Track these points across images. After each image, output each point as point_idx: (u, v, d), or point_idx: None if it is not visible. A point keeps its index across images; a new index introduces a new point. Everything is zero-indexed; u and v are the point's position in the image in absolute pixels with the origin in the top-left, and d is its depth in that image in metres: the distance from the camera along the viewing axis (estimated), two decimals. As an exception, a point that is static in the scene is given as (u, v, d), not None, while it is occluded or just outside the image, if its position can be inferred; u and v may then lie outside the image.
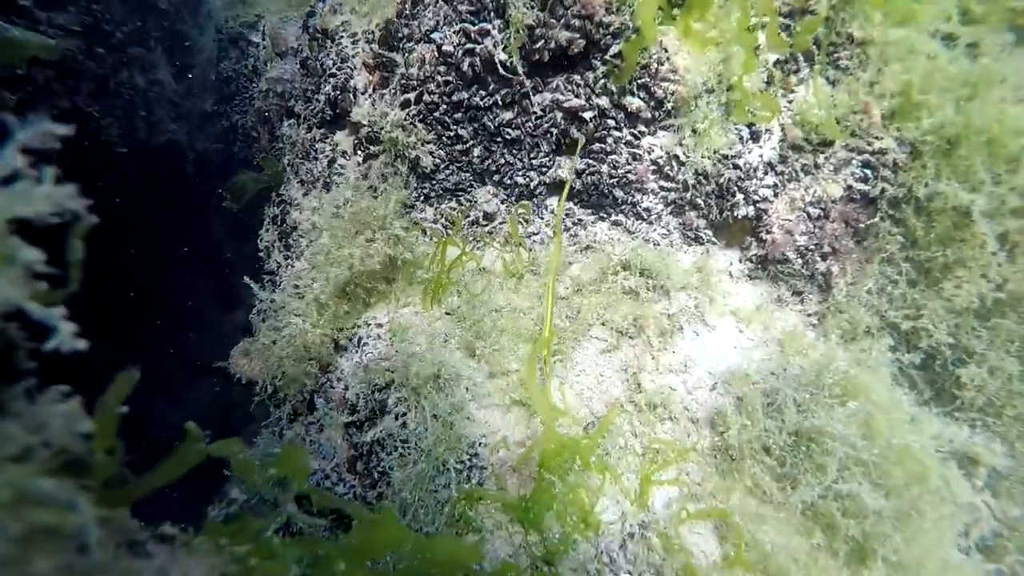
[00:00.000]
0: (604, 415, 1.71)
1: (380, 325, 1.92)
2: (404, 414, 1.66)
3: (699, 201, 2.09)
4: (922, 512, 1.49)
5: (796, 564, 1.50)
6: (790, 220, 2.13)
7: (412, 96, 2.11)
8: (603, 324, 2.00)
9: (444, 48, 2.04)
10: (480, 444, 1.70)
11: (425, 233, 2.14)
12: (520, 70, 1.93)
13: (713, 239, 2.18)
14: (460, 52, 2.03)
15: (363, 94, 2.25)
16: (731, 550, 1.59)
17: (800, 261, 2.17)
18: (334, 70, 2.26)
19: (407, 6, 2.18)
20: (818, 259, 2.18)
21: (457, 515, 1.58)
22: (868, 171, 2.09)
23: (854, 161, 2.10)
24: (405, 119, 2.10)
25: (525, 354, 1.83)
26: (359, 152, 2.22)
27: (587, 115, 2.03)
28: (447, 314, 1.96)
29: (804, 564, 1.51)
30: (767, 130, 2.06)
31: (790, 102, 2.07)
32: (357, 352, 1.89)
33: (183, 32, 4.59)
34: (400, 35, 2.17)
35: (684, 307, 2.03)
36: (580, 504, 1.57)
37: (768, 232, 2.13)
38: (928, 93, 1.90)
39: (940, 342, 2.11)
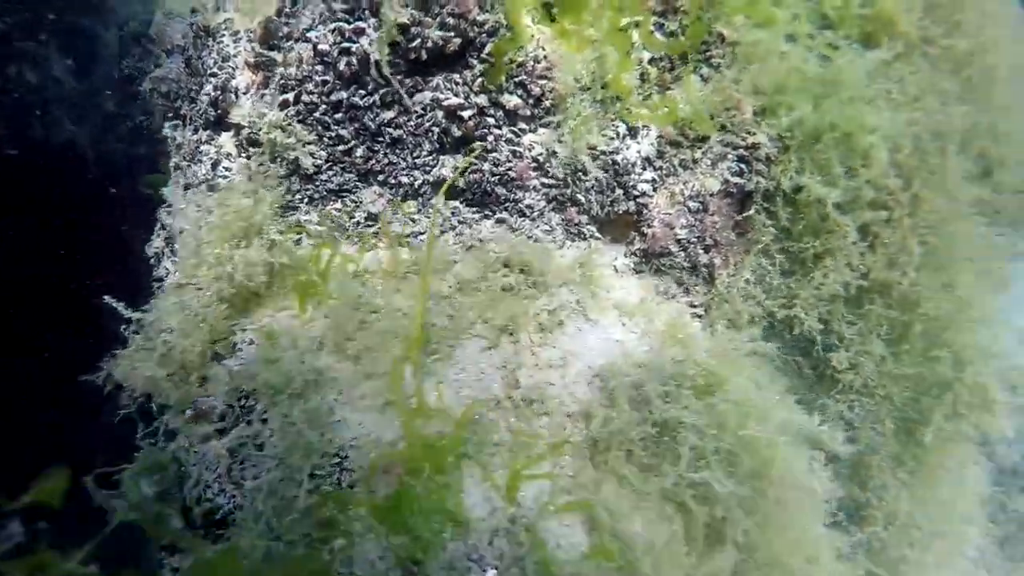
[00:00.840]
0: (463, 412, 1.73)
1: (256, 331, 1.90)
2: (264, 421, 1.65)
3: (579, 197, 2.13)
4: (769, 496, 1.56)
5: (653, 552, 1.56)
6: (670, 214, 2.18)
7: (291, 96, 2.08)
8: (484, 322, 2.01)
9: (320, 47, 2.02)
10: (350, 447, 1.70)
11: (309, 235, 2.12)
12: (388, 73, 1.92)
13: (597, 234, 2.22)
14: (336, 51, 2.01)
15: (245, 94, 2.21)
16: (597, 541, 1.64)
17: (683, 254, 2.23)
18: (215, 69, 2.21)
19: (287, 4, 2.14)
20: (700, 251, 2.24)
21: (325, 520, 1.58)
22: (743, 165, 2.16)
23: (730, 156, 2.16)
24: (284, 120, 2.08)
25: (402, 354, 1.84)
26: (242, 154, 2.18)
27: (466, 113, 2.04)
28: (325, 317, 1.95)
29: (661, 552, 1.56)
30: (644, 126, 2.10)
31: (666, 98, 2.11)
32: (232, 360, 1.86)
33: (84, 27, 4.39)
34: (280, 34, 2.14)
35: (565, 303, 2.06)
36: (446, 502, 1.59)
37: (649, 226, 2.18)
38: (786, 92, 1.97)
39: (812, 328, 2.20)
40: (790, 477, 1.60)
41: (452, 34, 1.95)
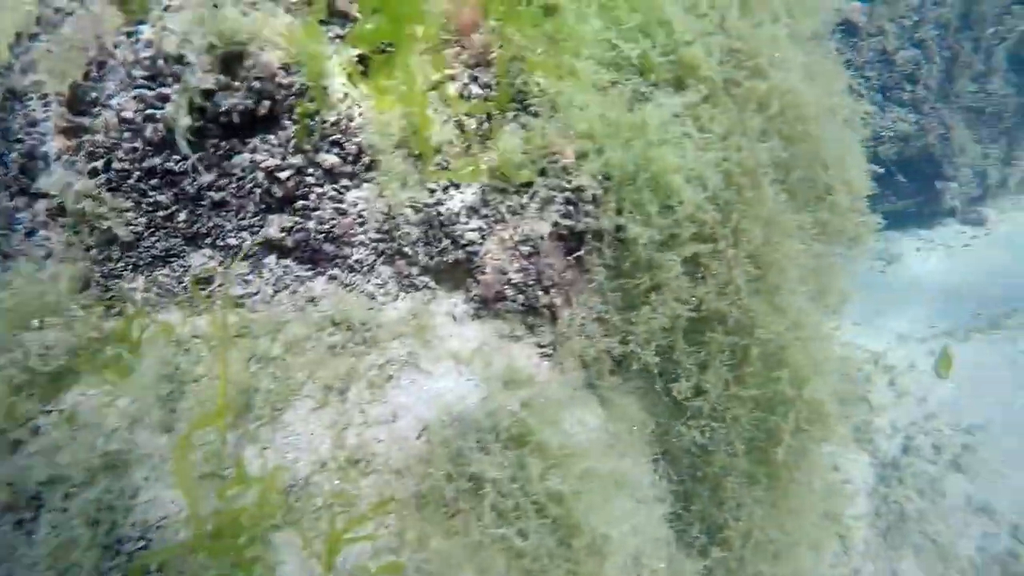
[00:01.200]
0: (267, 480, 1.70)
1: (61, 411, 1.82)
2: (64, 510, 1.58)
3: (407, 250, 2.14)
4: (576, 546, 1.59)
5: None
6: (502, 259, 2.22)
7: (100, 164, 2.03)
8: (314, 382, 1.99)
9: (123, 114, 1.98)
10: (157, 527, 1.64)
11: (126, 305, 2.05)
12: (186, 138, 1.90)
13: (432, 284, 2.24)
14: (140, 118, 1.97)
15: (56, 161, 2.13)
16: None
17: (521, 297, 2.26)
18: (22, 135, 2.13)
19: (93, 69, 2.09)
20: (539, 293, 2.28)
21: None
22: (570, 207, 2.22)
23: (557, 199, 2.22)
24: (94, 188, 2.02)
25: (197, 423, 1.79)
26: (51, 224, 2.10)
27: (284, 174, 2.03)
28: (141, 390, 1.88)
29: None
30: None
31: (486, 148, 2.16)
32: (33, 444, 1.78)
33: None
34: (87, 99, 2.08)
35: (396, 356, 2.06)
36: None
37: (482, 273, 2.21)
38: (596, 138, 2.05)
39: (649, 363, 2.26)
40: (586, 526, 1.63)
41: (258, 97, 1.94)
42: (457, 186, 2.13)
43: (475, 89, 2.12)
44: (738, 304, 2.29)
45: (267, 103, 1.97)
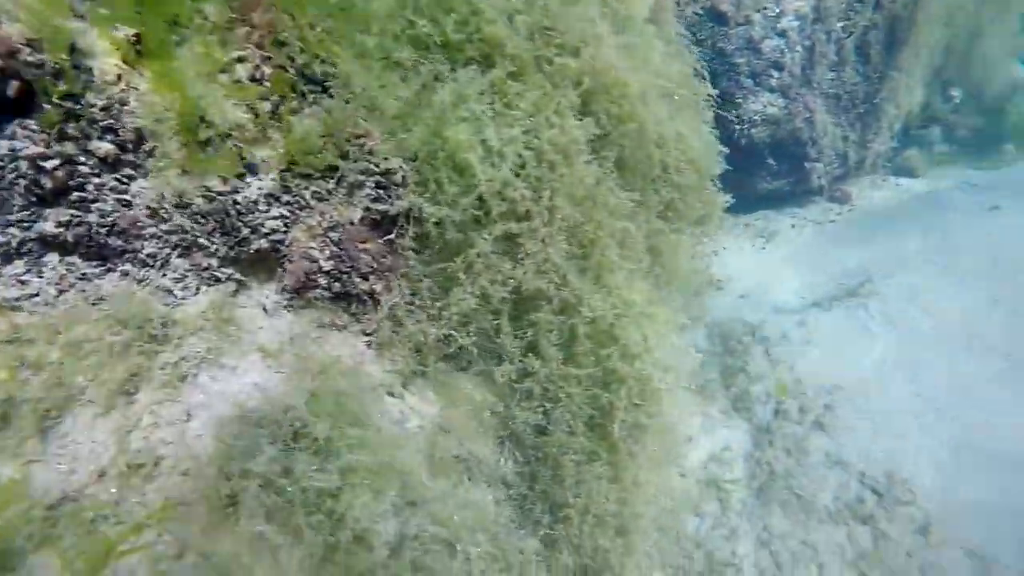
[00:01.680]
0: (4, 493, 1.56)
1: None
2: None
3: (203, 241, 2.03)
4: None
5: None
6: (312, 247, 2.14)
7: None
8: (99, 386, 1.85)
9: None
10: None
11: None
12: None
13: (239, 276, 2.13)
14: None
15: None
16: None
17: (337, 285, 2.20)
18: None
19: None
20: (357, 280, 2.22)
21: None
22: (382, 191, 2.17)
23: (367, 184, 2.16)
24: None
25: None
26: None
27: (49, 164, 1.86)
28: None
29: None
30: (264, 161, 2.05)
31: (284, 133, 2.07)
32: None
33: None
34: None
35: (193, 353, 1.95)
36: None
37: (291, 261, 2.13)
38: (390, 118, 2.00)
39: (466, 345, 2.26)
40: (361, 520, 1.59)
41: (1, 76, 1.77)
42: (255, 172, 2.03)
43: (268, 70, 2.03)
44: (560, 283, 2.32)
45: (15, 83, 1.79)
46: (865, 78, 8.83)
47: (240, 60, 1.99)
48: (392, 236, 2.20)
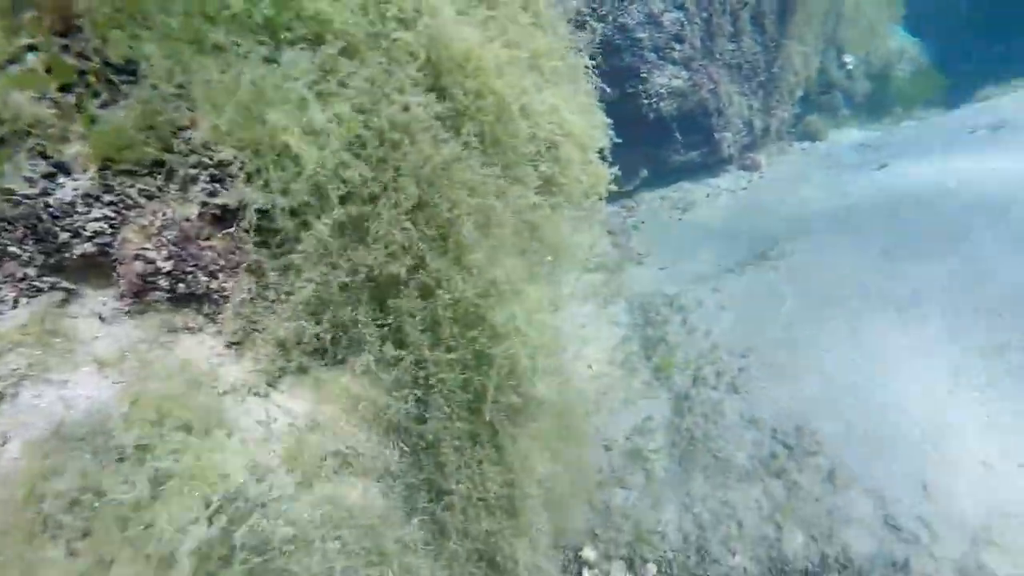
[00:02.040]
0: None
1: None
2: None
3: (13, 250, 1.89)
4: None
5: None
6: (147, 248, 2.02)
7: None
8: (-103, 417, 1.70)
9: None
10: None
11: None
12: None
13: (66, 284, 2.00)
14: None
15: None
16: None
17: (181, 286, 2.09)
18: None
19: None
20: (204, 279, 2.12)
21: None
22: (217, 184, 2.07)
23: (201, 177, 2.06)
24: None
25: None
26: None
27: None
28: None
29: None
30: (76, 159, 1.91)
31: (88, 127, 1.94)
32: None
33: None
34: None
35: (10, 371, 1.82)
36: None
37: (123, 264, 2.01)
38: (219, 105, 1.90)
39: (321, 335, 2.19)
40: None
41: None
42: (68, 172, 1.90)
43: (69, 59, 1.89)
44: (415, 266, 2.27)
45: None
46: (763, 47, 9.11)
47: (32, 48, 1.85)
48: (231, 230, 2.10)
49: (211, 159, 2.05)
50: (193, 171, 2.04)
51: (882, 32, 10.89)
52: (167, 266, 2.05)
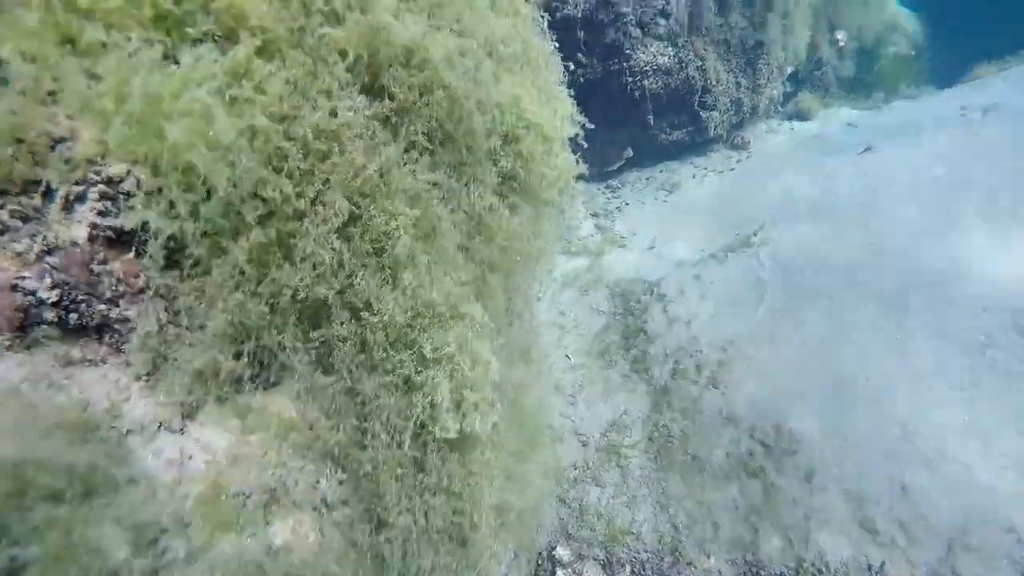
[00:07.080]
0: None
1: None
2: None
3: None
4: None
5: None
6: (25, 276, 1.78)
7: None
8: None
9: None
10: None
11: None
12: None
13: (-66, 319, 1.76)
14: None
15: None
16: None
17: (74, 316, 1.85)
18: None
19: None
20: (102, 307, 1.89)
21: None
22: (108, 203, 1.82)
23: (88, 195, 1.80)
24: None
25: None
26: None
27: None
28: None
29: None
30: (-68, 180, 1.66)
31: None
32: None
33: None
34: None
35: None
36: None
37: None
38: (104, 114, 1.64)
39: (231, 366, 1.97)
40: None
41: None
42: (-80, 195, 1.65)
43: (-84, 63, 1.62)
44: (343, 287, 2.04)
45: None
46: (751, 22, 8.75)
47: None
48: (130, 255, 1.86)
49: (98, 175, 1.80)
50: (78, 188, 1.79)
51: (876, 4, 10.53)
52: (51, 296, 1.81)
